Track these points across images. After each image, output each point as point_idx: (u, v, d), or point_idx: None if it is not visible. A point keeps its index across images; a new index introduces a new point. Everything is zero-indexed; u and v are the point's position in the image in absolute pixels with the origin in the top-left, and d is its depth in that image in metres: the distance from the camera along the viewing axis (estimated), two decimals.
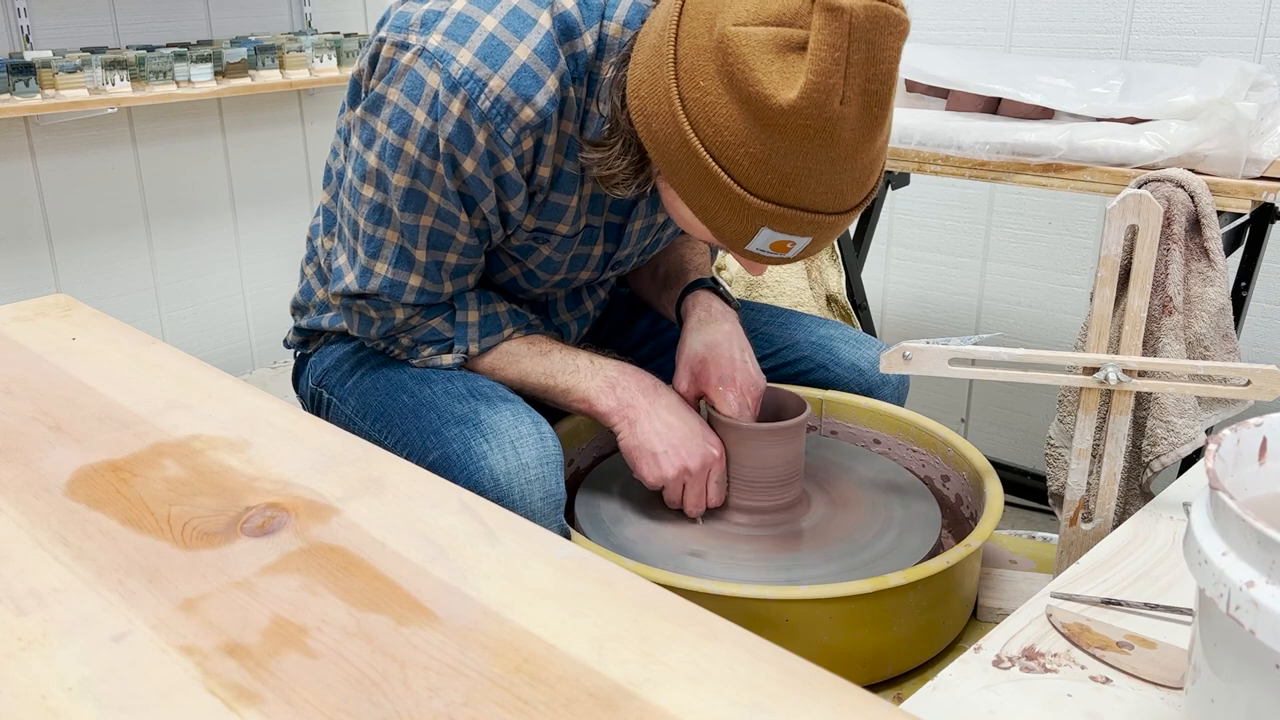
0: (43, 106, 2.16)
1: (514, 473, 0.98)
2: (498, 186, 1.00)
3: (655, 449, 1.05)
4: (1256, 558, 0.45)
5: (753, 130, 0.82)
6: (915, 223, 2.40)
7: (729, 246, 0.92)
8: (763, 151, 0.83)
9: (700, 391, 1.12)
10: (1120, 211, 0.92)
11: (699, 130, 0.85)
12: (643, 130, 0.90)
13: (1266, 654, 0.44)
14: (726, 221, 0.89)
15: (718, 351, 1.11)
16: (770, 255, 0.92)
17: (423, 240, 1.03)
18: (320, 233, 1.22)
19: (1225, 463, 0.53)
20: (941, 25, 2.24)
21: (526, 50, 0.94)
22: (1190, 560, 0.49)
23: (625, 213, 1.12)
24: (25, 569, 0.59)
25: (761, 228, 0.88)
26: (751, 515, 1.09)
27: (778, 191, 0.85)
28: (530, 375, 1.10)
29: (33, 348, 0.94)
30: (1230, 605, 0.45)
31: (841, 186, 0.86)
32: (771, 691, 0.48)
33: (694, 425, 1.08)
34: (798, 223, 0.87)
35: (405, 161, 0.98)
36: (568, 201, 1.06)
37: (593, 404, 1.08)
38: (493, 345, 1.11)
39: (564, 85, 0.96)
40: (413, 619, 0.54)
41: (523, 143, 0.97)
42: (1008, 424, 2.38)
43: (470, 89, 0.93)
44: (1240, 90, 1.44)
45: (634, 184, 0.97)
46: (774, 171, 0.84)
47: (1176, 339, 1.38)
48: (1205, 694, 0.51)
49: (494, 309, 1.12)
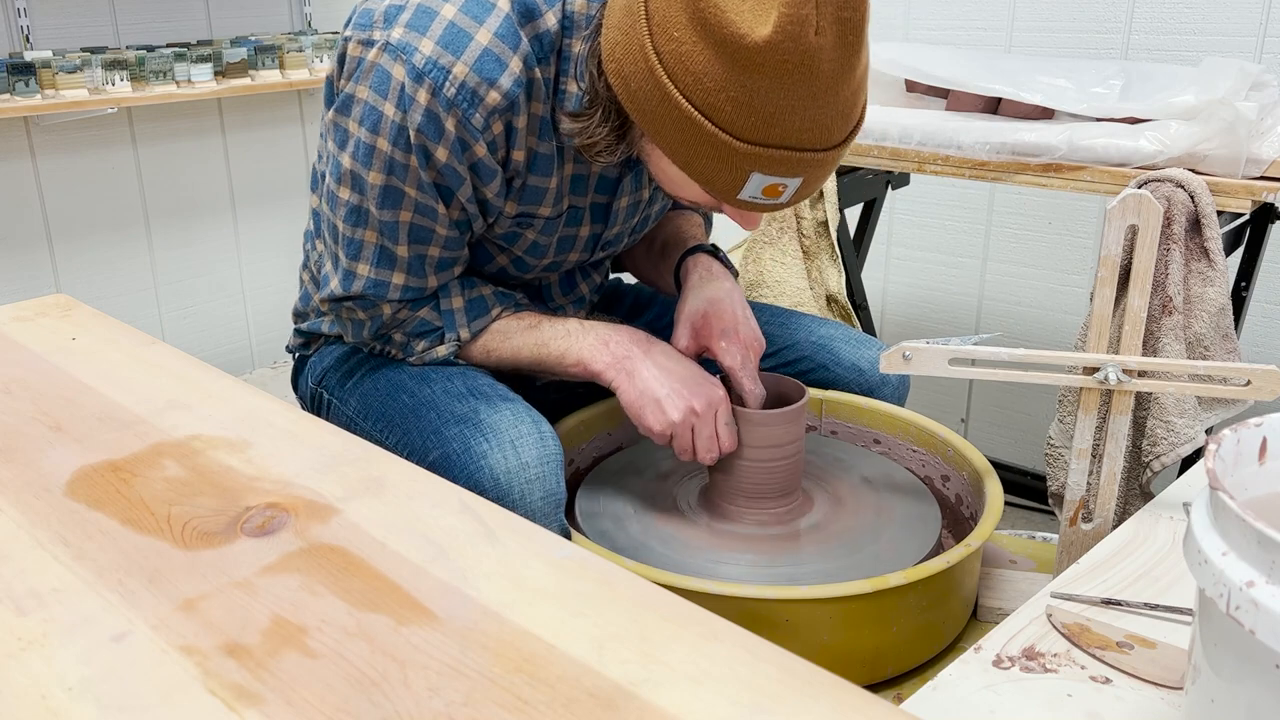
0: (43, 106, 2.16)
1: (514, 472, 0.98)
2: (472, 174, 1.00)
3: (657, 394, 1.03)
4: (1256, 558, 0.45)
5: (731, 73, 0.82)
6: (915, 223, 2.40)
7: (721, 197, 0.92)
8: (743, 93, 0.83)
9: (702, 346, 1.11)
10: (1120, 211, 0.92)
11: (678, 81, 0.85)
12: (622, 92, 0.91)
13: (1266, 654, 0.44)
14: (716, 172, 0.89)
15: (719, 306, 1.11)
16: (763, 202, 0.92)
17: (403, 236, 1.03)
18: (312, 237, 1.22)
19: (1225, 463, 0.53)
20: (941, 25, 2.24)
21: (487, 34, 0.95)
22: (1190, 560, 0.49)
23: (610, 191, 1.12)
24: (25, 569, 0.59)
25: (751, 173, 0.88)
26: (755, 506, 1.09)
27: (763, 133, 0.85)
28: (523, 349, 1.09)
29: (33, 348, 0.94)
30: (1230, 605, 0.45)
31: (826, 121, 0.86)
32: (771, 691, 0.48)
33: (693, 368, 1.06)
34: (787, 163, 0.87)
35: (379, 158, 0.99)
36: (546, 183, 1.06)
37: (588, 364, 1.06)
38: (483, 327, 1.10)
39: (529, 66, 0.96)
40: (413, 619, 0.54)
41: (492, 127, 0.97)
42: (1008, 424, 2.38)
43: (434, 77, 0.94)
44: (1240, 90, 1.44)
45: (617, 150, 0.98)
46: (757, 113, 0.84)
47: (1176, 339, 1.38)
48: (1205, 694, 0.51)
49: (479, 292, 1.11)
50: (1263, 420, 0.56)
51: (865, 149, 1.67)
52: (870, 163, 1.69)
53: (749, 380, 1.09)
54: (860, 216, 2.08)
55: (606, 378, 1.06)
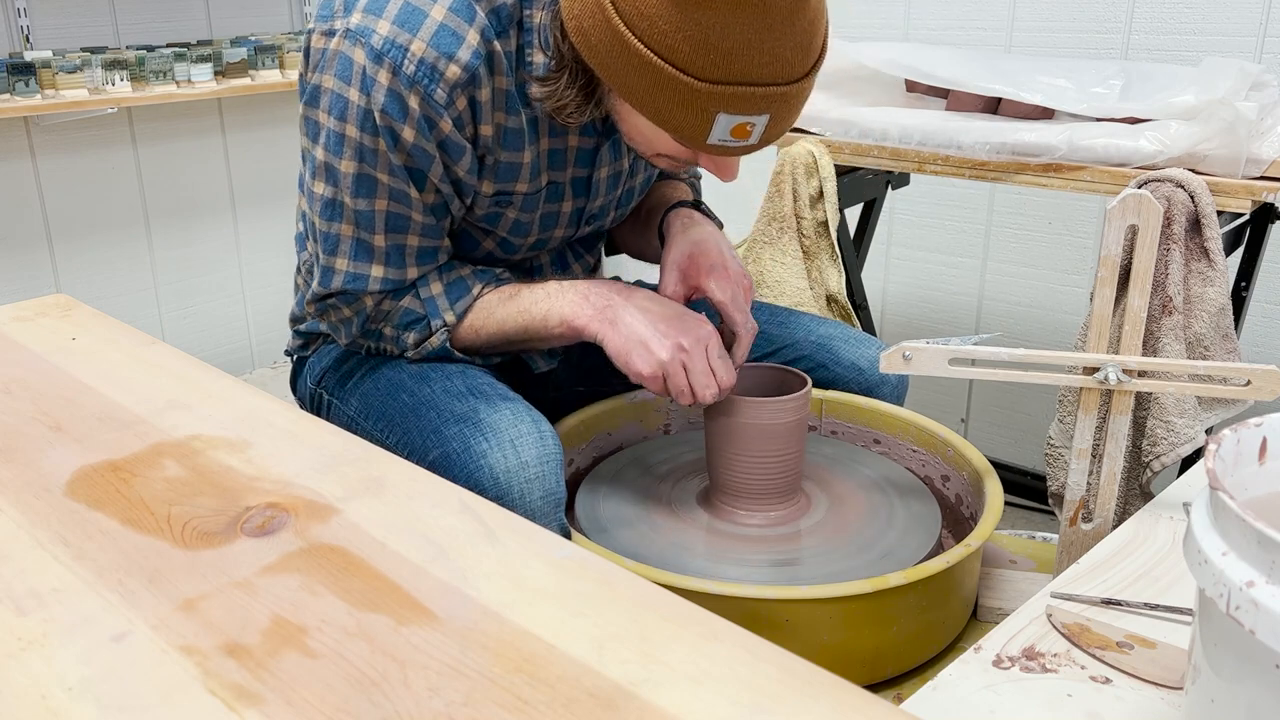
0: (43, 106, 2.16)
1: (513, 471, 0.98)
2: (441, 152, 1.01)
3: (643, 336, 1.01)
4: (1257, 558, 0.45)
5: (684, 12, 0.84)
6: (915, 223, 2.40)
7: (691, 144, 0.93)
8: (698, 31, 0.84)
9: (691, 286, 1.10)
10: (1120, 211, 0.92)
11: (634, 27, 0.87)
12: (584, 49, 0.92)
13: (1266, 654, 0.44)
14: (683, 118, 0.90)
15: (704, 246, 1.11)
16: (734, 144, 0.93)
17: (380, 225, 1.04)
18: (302, 240, 1.23)
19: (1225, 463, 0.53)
20: (941, 25, 2.24)
21: (441, 10, 0.96)
22: (1190, 560, 0.49)
23: (589, 164, 1.13)
24: (25, 569, 0.59)
25: (717, 114, 0.89)
26: (755, 506, 1.09)
27: (723, 70, 0.86)
28: (508, 320, 1.08)
29: (33, 348, 0.94)
30: (1230, 605, 0.45)
31: (784, 53, 0.87)
32: (771, 691, 0.48)
33: (676, 307, 1.04)
34: (750, 100, 0.88)
35: (349, 145, 0.99)
36: (519, 158, 1.06)
37: (570, 321, 1.04)
38: (466, 307, 1.09)
39: (486, 39, 0.97)
40: (413, 619, 0.54)
41: (456, 102, 0.98)
42: (1008, 424, 2.38)
43: (393, 56, 0.95)
44: (1240, 90, 1.44)
45: (586, 110, 0.99)
46: (714, 50, 0.85)
47: (1176, 339, 1.38)
48: (1205, 694, 0.51)
49: (458, 274, 1.10)
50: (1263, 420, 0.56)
51: (865, 149, 1.68)
52: (870, 163, 1.69)
53: (739, 314, 1.08)
54: (860, 216, 2.08)
55: (590, 330, 1.04)
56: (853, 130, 1.70)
